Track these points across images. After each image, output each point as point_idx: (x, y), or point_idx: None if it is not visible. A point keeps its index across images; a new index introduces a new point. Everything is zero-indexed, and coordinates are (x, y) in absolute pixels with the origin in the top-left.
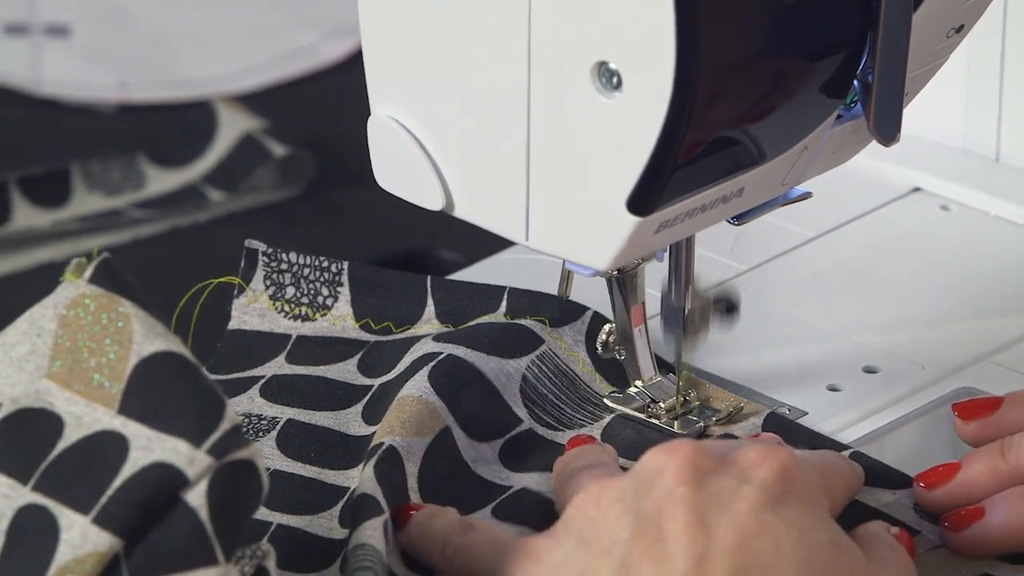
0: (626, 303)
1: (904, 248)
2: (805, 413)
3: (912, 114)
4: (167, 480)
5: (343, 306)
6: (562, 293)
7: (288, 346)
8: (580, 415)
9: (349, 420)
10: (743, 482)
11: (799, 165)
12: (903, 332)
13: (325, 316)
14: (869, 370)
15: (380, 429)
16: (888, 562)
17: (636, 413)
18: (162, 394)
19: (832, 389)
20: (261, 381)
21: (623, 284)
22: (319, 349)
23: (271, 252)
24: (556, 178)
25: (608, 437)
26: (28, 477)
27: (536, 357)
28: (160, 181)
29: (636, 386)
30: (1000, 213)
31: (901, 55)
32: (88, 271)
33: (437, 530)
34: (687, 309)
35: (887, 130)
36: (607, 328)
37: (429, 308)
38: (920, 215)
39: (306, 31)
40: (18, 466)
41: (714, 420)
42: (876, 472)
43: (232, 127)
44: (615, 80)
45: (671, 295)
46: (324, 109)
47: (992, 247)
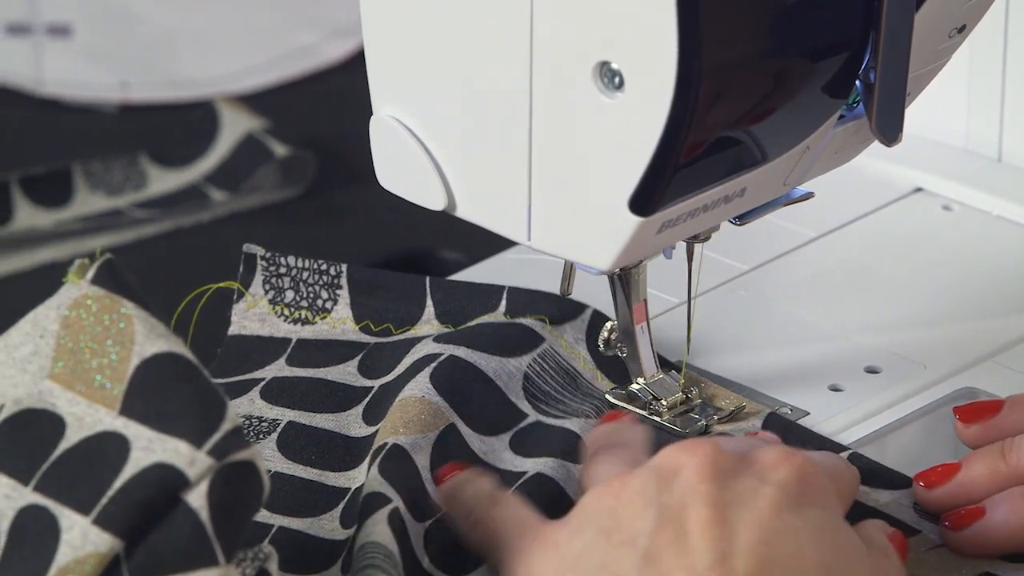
0: (628, 300)
1: (906, 248)
2: (807, 413)
3: (914, 114)
4: (168, 481)
5: (343, 309)
6: (564, 291)
7: (288, 349)
8: (585, 407)
9: (350, 422)
10: (763, 482)
11: (801, 165)
12: (905, 332)
13: (325, 319)
14: (871, 370)
15: (382, 430)
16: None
17: (638, 410)
18: (163, 395)
19: (834, 389)
20: (262, 383)
21: (625, 281)
22: (319, 351)
23: (269, 256)
24: (558, 178)
25: None
26: (29, 478)
27: (537, 355)
28: (162, 181)
29: (638, 383)
30: (1002, 213)
31: (903, 55)
32: (90, 272)
33: (467, 496)
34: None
35: (889, 130)
36: (609, 325)
37: (429, 309)
38: (922, 215)
39: (308, 31)
40: (20, 466)
41: (716, 418)
42: (875, 473)
43: (234, 127)
44: (617, 80)
45: None
46: (326, 109)
47: (994, 247)
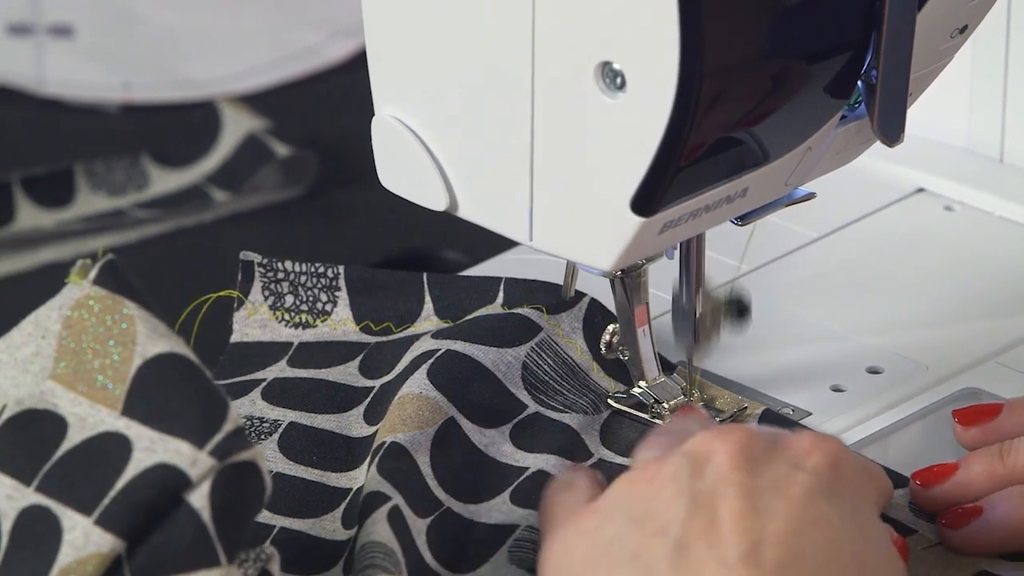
0: (630, 303)
1: (908, 249)
2: (809, 413)
3: (916, 114)
4: (170, 481)
5: (343, 310)
6: (566, 292)
7: (290, 352)
8: (583, 401)
9: (351, 422)
10: (796, 468)
11: (803, 165)
12: (907, 333)
13: (326, 321)
14: (873, 371)
15: (381, 429)
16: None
17: (639, 413)
18: (165, 395)
19: (836, 389)
20: (263, 384)
21: (627, 284)
22: (320, 352)
23: (266, 263)
24: (560, 178)
25: (610, 437)
26: (31, 478)
27: (535, 344)
28: (164, 181)
29: (640, 386)
30: (1004, 213)
31: (905, 55)
32: (92, 272)
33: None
34: (699, 313)
35: (891, 130)
36: (611, 328)
37: (428, 305)
38: (924, 215)
39: (310, 31)
40: (22, 467)
41: (717, 421)
42: None
43: (236, 127)
44: (619, 80)
45: (682, 298)
46: (328, 109)
47: (996, 247)
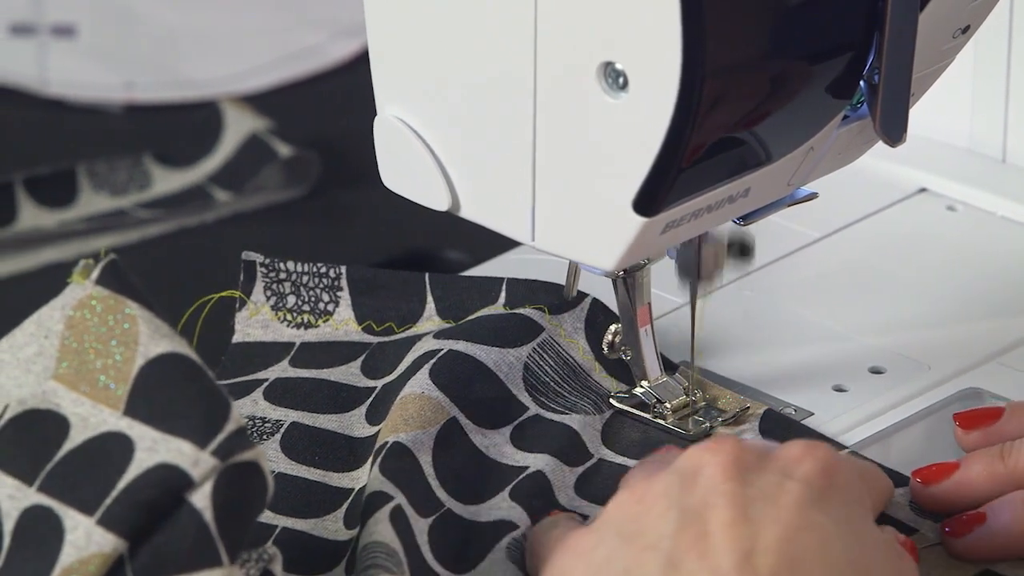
0: (632, 303)
1: (910, 249)
2: (811, 413)
3: (918, 114)
4: (172, 481)
5: (345, 310)
6: (568, 292)
7: (292, 352)
8: (584, 402)
9: (353, 422)
10: (786, 477)
11: (805, 166)
12: (909, 333)
13: (328, 322)
14: (875, 371)
15: (384, 429)
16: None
17: (641, 412)
18: (167, 395)
19: (838, 389)
20: (265, 384)
21: (629, 284)
22: (322, 353)
23: (268, 263)
24: (562, 178)
25: (611, 436)
26: (34, 478)
27: (537, 345)
28: (166, 181)
29: (642, 386)
30: (1006, 213)
31: (907, 56)
32: (95, 272)
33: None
34: (702, 250)
35: (893, 131)
36: (613, 328)
37: (430, 305)
38: (926, 215)
39: (312, 31)
40: (24, 467)
41: (720, 421)
42: None
43: (238, 127)
44: (621, 80)
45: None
46: (330, 109)
47: (998, 247)
